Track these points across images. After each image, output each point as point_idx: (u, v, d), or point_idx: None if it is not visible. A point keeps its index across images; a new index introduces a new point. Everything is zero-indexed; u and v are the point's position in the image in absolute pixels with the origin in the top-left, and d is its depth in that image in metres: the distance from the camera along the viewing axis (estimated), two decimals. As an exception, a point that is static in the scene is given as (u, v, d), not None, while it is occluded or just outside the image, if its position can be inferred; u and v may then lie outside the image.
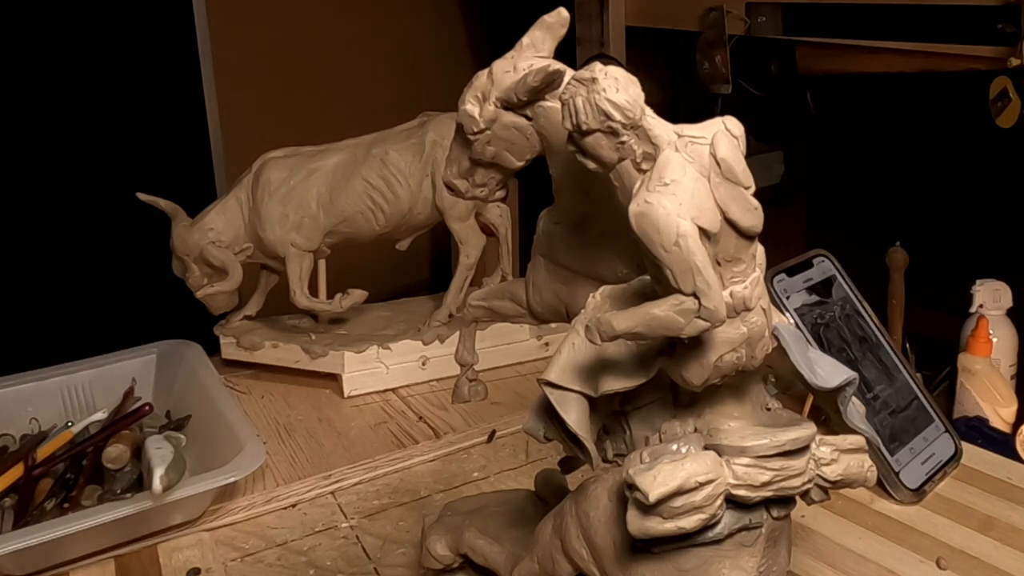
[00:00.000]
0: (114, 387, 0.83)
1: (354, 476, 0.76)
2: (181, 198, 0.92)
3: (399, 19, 1.83)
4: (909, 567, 0.60)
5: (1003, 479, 0.70)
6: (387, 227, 0.92)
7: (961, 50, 0.97)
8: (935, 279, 1.26)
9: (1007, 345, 1.10)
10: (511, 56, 0.46)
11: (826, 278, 0.73)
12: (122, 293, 1.51)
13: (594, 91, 0.35)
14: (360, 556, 0.65)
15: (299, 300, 0.92)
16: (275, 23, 1.68)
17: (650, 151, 0.36)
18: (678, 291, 0.34)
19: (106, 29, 1.47)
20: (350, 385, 0.91)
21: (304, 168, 0.91)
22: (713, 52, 1.25)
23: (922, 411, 0.72)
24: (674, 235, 0.34)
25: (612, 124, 0.35)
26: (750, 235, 0.37)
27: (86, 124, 1.48)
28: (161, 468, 0.61)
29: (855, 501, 0.67)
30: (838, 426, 0.46)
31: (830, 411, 0.46)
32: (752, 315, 0.38)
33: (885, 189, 1.55)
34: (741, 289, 0.37)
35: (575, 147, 0.37)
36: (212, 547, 0.66)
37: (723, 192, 0.35)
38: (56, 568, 0.64)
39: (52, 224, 1.47)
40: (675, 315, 0.34)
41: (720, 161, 0.35)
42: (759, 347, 0.39)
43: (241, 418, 0.74)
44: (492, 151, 0.47)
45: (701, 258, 0.34)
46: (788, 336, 0.42)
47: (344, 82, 1.78)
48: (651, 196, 0.34)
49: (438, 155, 0.89)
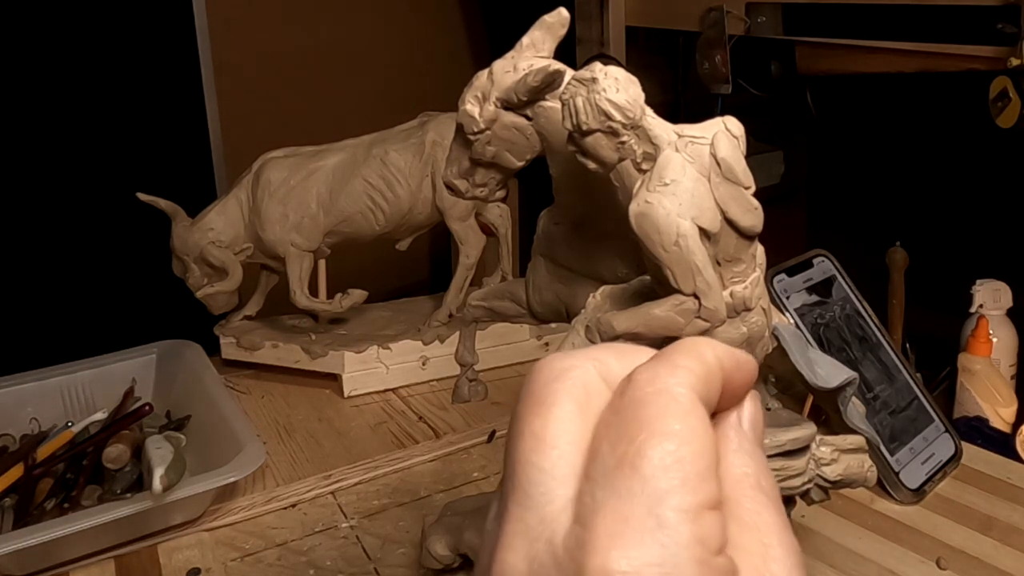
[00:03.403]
0: (114, 387, 0.83)
1: (354, 476, 0.76)
2: (181, 198, 0.91)
3: (399, 19, 1.83)
4: (909, 567, 0.60)
5: (1003, 479, 0.70)
6: (387, 227, 0.92)
7: (961, 50, 0.97)
8: (935, 279, 1.26)
9: (1007, 345, 1.10)
10: (511, 56, 0.46)
11: (826, 278, 0.73)
12: (122, 293, 1.50)
13: (594, 91, 0.35)
14: (360, 556, 0.65)
15: (299, 300, 0.92)
16: (275, 24, 1.68)
17: (650, 151, 0.36)
18: (678, 291, 0.35)
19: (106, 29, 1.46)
20: (350, 385, 0.90)
21: (304, 168, 0.91)
22: (713, 52, 1.25)
23: (922, 411, 0.72)
24: (674, 235, 0.34)
25: (612, 124, 0.35)
26: (750, 235, 0.37)
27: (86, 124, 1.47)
28: (161, 468, 0.61)
29: (855, 501, 0.67)
30: (838, 426, 0.46)
31: (830, 411, 0.46)
32: (752, 315, 0.38)
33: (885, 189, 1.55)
34: (741, 289, 0.37)
35: (575, 147, 0.37)
36: (212, 547, 0.66)
37: (723, 192, 0.35)
38: (56, 568, 0.64)
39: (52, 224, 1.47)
40: (675, 315, 0.35)
41: (720, 161, 0.35)
42: (759, 347, 0.39)
43: (241, 418, 0.74)
44: (492, 151, 0.47)
45: (701, 258, 0.34)
46: (788, 336, 0.42)
47: (344, 82, 1.78)
48: (651, 196, 0.34)
49: (438, 155, 0.89)
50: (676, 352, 0.26)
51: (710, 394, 0.25)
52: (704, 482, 0.23)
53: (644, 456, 0.23)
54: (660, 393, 0.24)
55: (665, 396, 0.24)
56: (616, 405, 0.24)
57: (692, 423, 0.24)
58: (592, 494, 0.23)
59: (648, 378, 0.24)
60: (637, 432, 0.23)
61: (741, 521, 0.25)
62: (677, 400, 0.24)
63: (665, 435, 0.23)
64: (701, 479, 0.23)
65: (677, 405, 0.24)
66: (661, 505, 0.22)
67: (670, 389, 0.24)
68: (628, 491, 0.22)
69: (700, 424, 0.24)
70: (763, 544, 0.25)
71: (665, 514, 0.22)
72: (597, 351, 0.27)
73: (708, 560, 0.22)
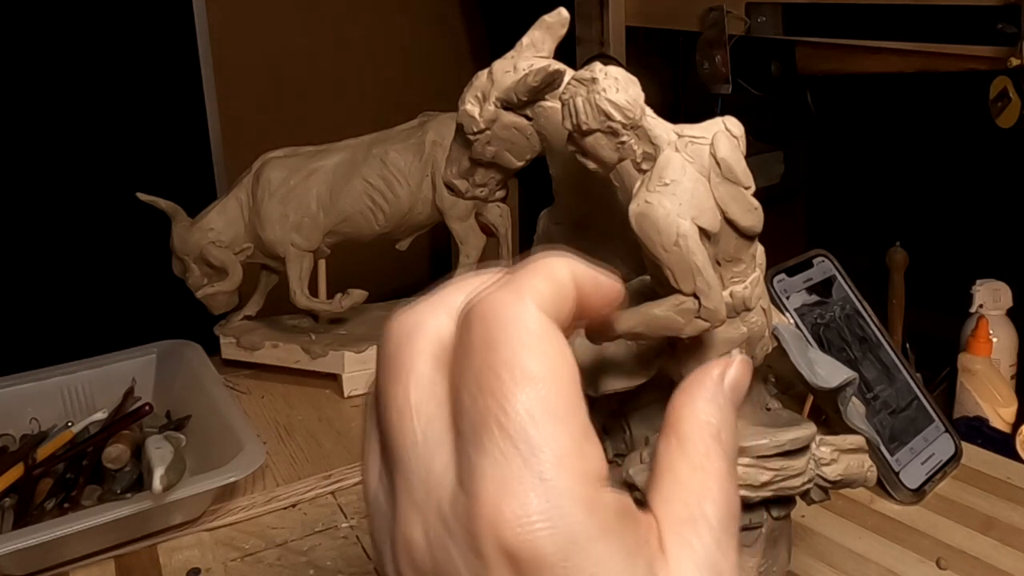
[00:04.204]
0: (114, 387, 0.83)
1: (354, 476, 0.76)
2: (181, 198, 0.91)
3: (399, 19, 1.83)
4: (909, 567, 0.60)
5: (1003, 479, 0.70)
6: (387, 227, 0.92)
7: (961, 50, 0.97)
8: (935, 279, 1.26)
9: (1007, 345, 1.10)
10: (511, 56, 0.46)
11: (826, 278, 0.73)
12: (122, 293, 1.50)
13: (594, 91, 0.35)
14: (360, 556, 0.65)
15: (299, 300, 0.92)
16: (275, 24, 1.68)
17: (650, 151, 0.36)
18: (678, 291, 0.35)
19: (106, 30, 1.46)
20: (350, 385, 0.90)
21: (304, 168, 0.91)
22: (713, 52, 1.25)
23: (922, 411, 0.72)
24: (674, 235, 0.34)
25: (612, 124, 0.35)
26: (750, 235, 0.37)
27: (86, 124, 1.47)
28: (161, 468, 0.61)
29: (855, 501, 0.67)
30: (838, 426, 0.46)
31: (830, 411, 0.46)
32: (752, 315, 0.38)
33: (885, 189, 1.55)
34: (741, 289, 0.37)
35: (575, 147, 0.37)
36: (212, 547, 0.66)
37: (723, 192, 0.35)
38: (56, 568, 0.64)
39: (52, 224, 1.47)
40: (675, 315, 0.35)
41: (720, 161, 0.35)
42: (759, 347, 0.39)
43: (241, 418, 0.74)
44: (492, 151, 0.47)
45: (701, 258, 0.34)
46: (788, 336, 0.42)
47: (344, 82, 1.78)
48: (651, 196, 0.34)
49: (438, 155, 0.89)
50: (523, 273, 0.24)
51: (562, 313, 0.24)
52: (574, 416, 0.23)
53: (507, 412, 0.22)
54: (509, 324, 0.23)
55: (515, 327, 0.23)
56: (466, 343, 0.23)
57: (549, 355, 0.23)
58: (467, 454, 0.22)
59: (494, 310, 0.23)
60: (495, 380, 0.22)
61: (690, 461, 0.26)
62: (528, 330, 0.23)
63: (525, 381, 0.22)
64: (571, 414, 0.23)
65: (529, 336, 0.23)
66: (536, 459, 0.22)
67: (519, 318, 0.23)
68: (501, 452, 0.22)
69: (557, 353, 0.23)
70: (704, 486, 0.25)
71: (542, 467, 0.22)
72: (443, 295, 0.25)
73: (595, 498, 0.22)
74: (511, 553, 0.21)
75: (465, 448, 0.22)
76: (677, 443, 0.26)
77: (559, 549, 0.21)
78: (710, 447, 0.26)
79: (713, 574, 0.24)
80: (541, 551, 0.21)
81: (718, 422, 0.26)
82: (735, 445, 0.27)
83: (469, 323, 0.23)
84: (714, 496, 0.25)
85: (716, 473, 0.25)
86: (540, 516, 0.21)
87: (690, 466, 0.25)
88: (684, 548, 0.24)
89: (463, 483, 0.22)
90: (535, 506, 0.21)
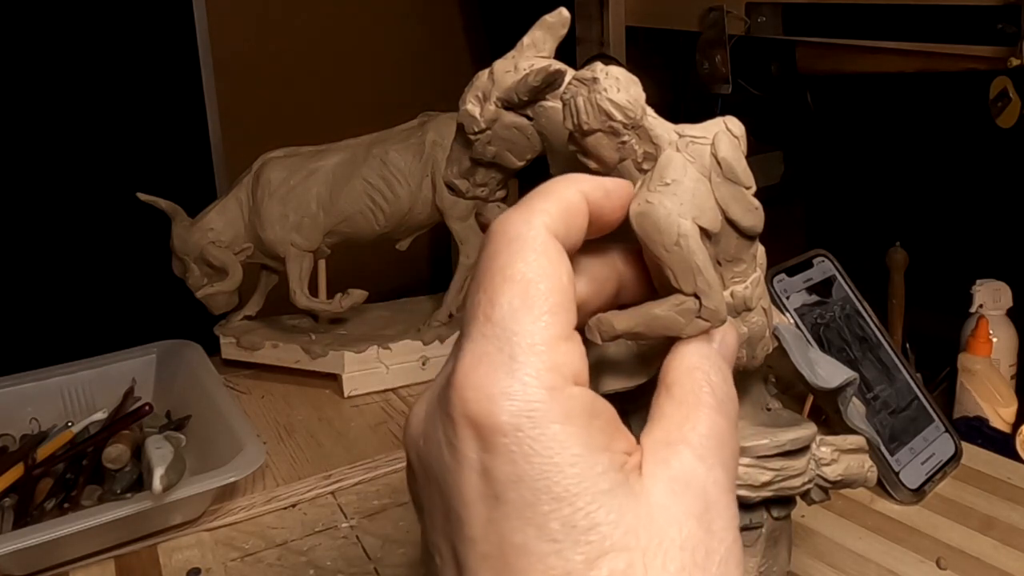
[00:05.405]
0: (114, 387, 0.83)
1: (354, 476, 0.76)
2: (181, 198, 0.91)
3: (399, 19, 1.83)
4: (909, 567, 0.60)
5: (1003, 479, 0.70)
6: (387, 227, 0.92)
7: (961, 50, 0.97)
8: (935, 279, 1.26)
9: (1007, 345, 1.10)
10: (512, 56, 0.46)
11: (826, 278, 0.73)
12: (122, 293, 1.51)
13: (595, 91, 0.35)
14: (360, 556, 0.65)
15: (299, 300, 0.92)
16: (275, 23, 1.68)
17: (651, 151, 0.36)
18: (679, 291, 0.34)
19: (106, 28, 1.46)
20: (350, 385, 0.90)
21: (304, 168, 0.91)
22: (713, 52, 1.25)
23: (922, 411, 0.72)
24: (675, 235, 0.34)
25: (613, 124, 0.35)
26: (751, 235, 0.37)
27: (86, 124, 1.47)
28: (161, 468, 0.61)
29: (855, 501, 0.67)
30: (838, 426, 0.46)
31: (830, 411, 0.46)
32: (753, 315, 0.38)
33: (885, 189, 1.55)
34: (742, 289, 0.37)
35: (576, 147, 0.37)
36: (212, 547, 0.66)
37: (724, 192, 0.35)
38: (56, 568, 0.64)
39: (52, 224, 1.47)
40: (676, 315, 0.34)
41: (721, 161, 0.35)
42: (759, 347, 0.39)
43: (241, 418, 0.74)
44: (493, 151, 0.47)
45: (702, 258, 0.34)
46: (788, 336, 0.42)
47: (344, 82, 1.78)
48: (652, 196, 0.34)
49: (438, 155, 0.89)
50: (535, 196, 0.28)
51: (571, 230, 0.28)
52: (556, 315, 0.25)
53: (494, 304, 0.25)
54: (513, 239, 0.26)
55: (517, 241, 0.26)
56: (480, 255, 0.27)
57: (542, 263, 0.26)
58: (460, 342, 0.26)
59: (504, 227, 0.27)
60: (489, 281, 0.26)
61: (675, 399, 0.28)
62: (526, 242, 0.26)
63: (514, 281, 0.25)
64: (553, 314, 0.25)
65: (526, 247, 0.26)
66: (510, 343, 0.24)
67: (522, 234, 0.26)
68: (482, 335, 0.25)
69: (551, 263, 0.26)
70: (685, 416, 0.27)
71: (514, 349, 0.24)
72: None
73: (560, 387, 0.24)
74: (472, 418, 0.24)
75: (461, 339, 0.26)
76: (666, 390, 0.28)
77: (513, 419, 0.23)
78: (697, 385, 0.28)
79: (686, 488, 0.25)
80: (497, 419, 0.23)
81: (707, 366, 0.29)
82: (728, 391, 0.29)
83: (486, 238, 0.27)
84: (695, 422, 0.27)
85: (700, 405, 0.27)
86: (501, 389, 0.24)
87: (675, 403, 0.28)
88: (659, 465, 0.26)
89: (452, 363, 0.25)
90: (499, 379, 0.24)
